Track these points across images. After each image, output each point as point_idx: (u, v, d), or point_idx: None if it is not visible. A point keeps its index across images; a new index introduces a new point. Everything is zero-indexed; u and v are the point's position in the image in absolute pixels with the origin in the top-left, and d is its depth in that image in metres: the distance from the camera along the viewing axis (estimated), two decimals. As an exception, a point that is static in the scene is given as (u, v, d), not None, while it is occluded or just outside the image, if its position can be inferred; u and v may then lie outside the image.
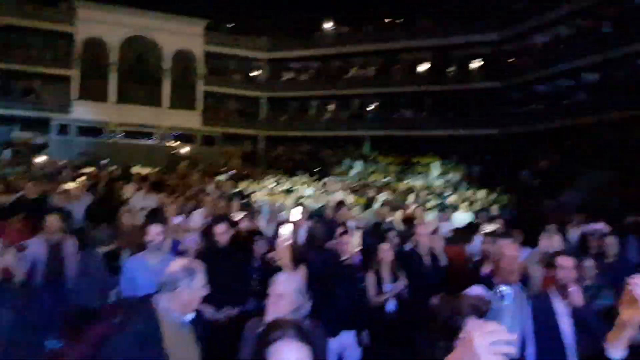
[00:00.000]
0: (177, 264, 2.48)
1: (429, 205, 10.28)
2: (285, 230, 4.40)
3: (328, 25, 27.59)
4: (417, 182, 14.51)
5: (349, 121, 26.29)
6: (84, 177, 10.20)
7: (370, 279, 4.44)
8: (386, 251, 4.50)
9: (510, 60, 21.84)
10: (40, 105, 24.73)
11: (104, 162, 17.66)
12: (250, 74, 29.17)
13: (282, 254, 4.32)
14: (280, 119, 28.45)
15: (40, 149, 22.03)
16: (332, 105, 27.97)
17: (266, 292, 2.59)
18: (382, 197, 10.49)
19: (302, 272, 4.19)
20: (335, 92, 26.59)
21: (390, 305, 4.38)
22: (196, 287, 2.42)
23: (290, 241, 4.37)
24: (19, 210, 6.33)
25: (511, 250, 3.19)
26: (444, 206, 9.86)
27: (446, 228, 7.76)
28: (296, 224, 5.73)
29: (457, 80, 23.47)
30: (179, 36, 26.12)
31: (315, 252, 4.96)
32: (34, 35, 25.13)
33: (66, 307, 4.87)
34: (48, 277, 5.00)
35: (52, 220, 5.27)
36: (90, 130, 24.28)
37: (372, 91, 25.61)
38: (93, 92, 25.13)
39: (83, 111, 24.49)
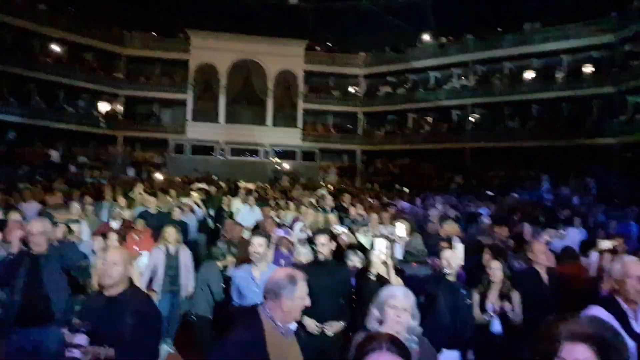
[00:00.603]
0: (279, 272, 2.54)
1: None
2: (381, 244, 4.37)
3: (426, 37, 27.19)
4: (523, 196, 13.69)
5: (449, 133, 25.55)
6: (196, 193, 10.98)
7: (475, 296, 4.30)
8: (496, 269, 4.33)
9: (631, 62, 19.80)
10: (160, 127, 27.33)
11: (214, 178, 18.92)
12: (348, 90, 29.65)
13: (377, 268, 4.33)
14: (377, 133, 28.49)
15: (159, 167, 24.20)
16: (431, 117, 27.42)
17: (362, 306, 2.61)
18: (485, 211, 10.03)
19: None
20: (434, 104, 26.05)
21: (496, 326, 4.18)
22: (298, 296, 2.44)
23: (386, 255, 4.34)
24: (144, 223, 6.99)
25: (638, 270, 2.91)
26: (554, 221, 9.21)
27: (559, 244, 7.26)
28: (394, 238, 5.68)
29: (567, 86, 21.79)
30: (281, 58, 27.38)
31: (415, 266, 4.91)
32: (155, 64, 27.94)
33: (180, 313, 5.27)
34: (165, 284, 5.48)
35: (170, 232, 5.78)
36: (202, 148, 26.25)
37: (473, 101, 24.71)
38: (205, 113, 27.23)
39: (196, 131, 26.57)
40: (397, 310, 2.52)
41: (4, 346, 3.66)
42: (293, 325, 2.50)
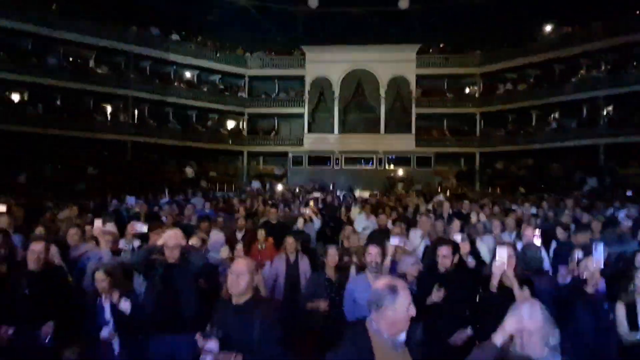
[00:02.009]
0: (380, 282, 2.48)
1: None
2: (503, 253, 4.12)
3: (547, 28, 25.18)
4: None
5: (578, 130, 23.29)
6: (313, 202, 11.34)
7: (620, 311, 3.88)
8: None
9: None
10: (279, 140, 28.79)
11: (330, 187, 19.40)
12: (464, 91, 28.54)
13: (502, 280, 4.09)
14: (497, 134, 26.95)
15: (280, 178, 25.47)
16: (557, 113, 25.24)
17: (484, 318, 2.46)
18: (623, 214, 8.98)
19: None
20: (559, 99, 23.94)
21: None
22: (400, 306, 2.37)
23: (507, 265, 4.09)
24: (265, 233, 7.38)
25: None
26: None
27: None
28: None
29: None
30: (393, 64, 27.29)
31: (544, 277, 4.57)
32: (274, 81, 29.56)
33: (299, 322, 5.42)
34: (286, 293, 5.72)
35: (290, 241, 6.05)
36: (319, 159, 27.09)
37: (605, 93, 22.21)
38: (320, 124, 28.17)
39: (312, 143, 27.52)
40: (529, 333, 2.31)
41: (141, 352, 4.02)
42: (402, 336, 2.42)
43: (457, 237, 5.67)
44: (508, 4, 23.08)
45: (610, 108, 22.91)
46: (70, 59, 23.82)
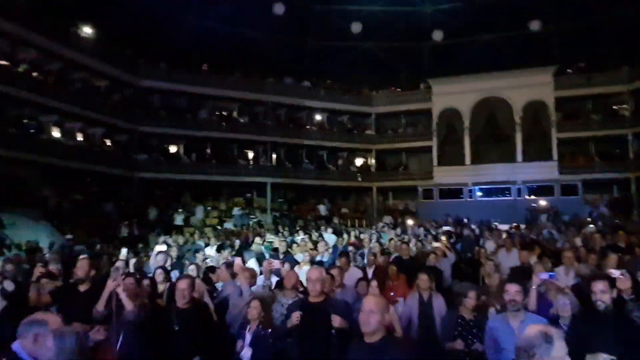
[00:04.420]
0: (533, 329, 2.36)
1: None
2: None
3: None
4: None
5: None
6: (445, 236, 10.99)
7: None
8: None
9: None
10: (408, 175, 28.63)
11: (465, 220, 18.61)
12: (612, 111, 25.71)
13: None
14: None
15: (410, 213, 25.15)
16: None
17: None
18: None
19: None
20: None
21: None
22: (554, 356, 2.22)
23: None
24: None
25: None
26: None
27: None
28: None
29: None
30: (527, 89, 25.77)
31: None
32: (400, 117, 29.76)
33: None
34: (420, 332, 5.56)
35: (423, 278, 5.91)
36: (450, 191, 26.24)
37: None
38: (450, 157, 27.45)
39: (443, 176, 26.84)
40: None
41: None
42: None
43: (615, 272, 5.09)
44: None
45: None
46: (218, 112, 26.71)
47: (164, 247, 8.74)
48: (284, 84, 27.73)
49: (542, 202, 23.07)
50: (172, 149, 25.44)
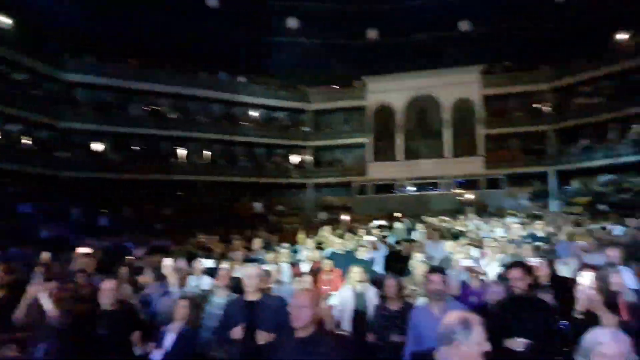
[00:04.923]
0: (452, 316, 2.39)
1: None
2: (587, 277, 3.80)
3: (621, 36, 23.76)
4: None
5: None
6: (378, 230, 11.19)
7: None
8: None
9: None
10: (343, 171, 28.97)
11: (397, 215, 19.09)
12: (534, 108, 27.42)
13: (588, 305, 3.78)
14: (571, 151, 25.45)
15: (345, 208, 25.48)
16: (637, 125, 23.41)
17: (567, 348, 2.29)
18: None
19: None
20: (639, 110, 22.30)
21: None
22: (474, 341, 2.26)
23: (595, 290, 3.77)
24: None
25: None
26: None
27: None
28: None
29: None
30: (456, 87, 26.92)
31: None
32: (336, 114, 30.02)
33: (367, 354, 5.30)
34: (354, 324, 5.61)
35: (356, 271, 5.97)
36: (384, 187, 26.87)
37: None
38: (384, 153, 28.09)
39: (377, 171, 27.43)
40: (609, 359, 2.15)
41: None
42: None
43: (532, 260, 5.37)
44: (575, 14, 22.20)
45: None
46: (147, 108, 25.64)
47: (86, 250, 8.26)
48: (218, 78, 27.12)
49: (469, 196, 24.21)
50: (98, 146, 24.09)
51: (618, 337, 2.24)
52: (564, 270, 6.07)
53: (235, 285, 4.94)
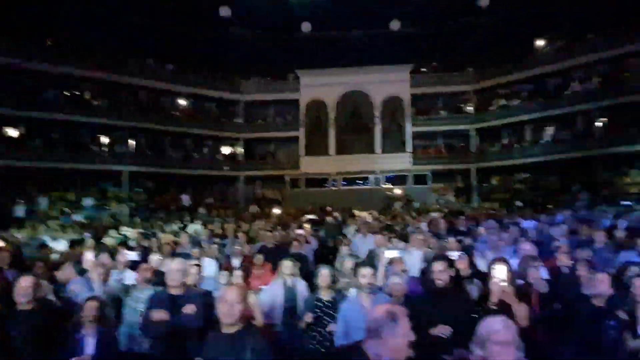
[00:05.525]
0: (380, 309, 2.45)
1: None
2: (500, 271, 4.06)
3: (539, 43, 25.51)
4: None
5: (574, 142, 23.36)
6: (309, 224, 11.29)
7: (624, 320, 3.84)
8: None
9: None
10: (276, 164, 28.86)
11: (328, 208, 19.33)
12: (459, 108, 28.80)
13: (501, 296, 4.04)
14: (492, 149, 27.09)
15: (277, 202, 25.43)
16: (551, 126, 25.36)
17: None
18: (622, 224, 8.94)
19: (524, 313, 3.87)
20: (553, 112, 24.14)
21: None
22: (401, 333, 2.34)
23: (507, 282, 4.04)
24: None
25: None
26: None
27: None
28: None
29: None
30: (387, 84, 27.62)
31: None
32: (269, 106, 29.77)
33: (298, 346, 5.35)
34: (284, 318, 5.64)
35: (286, 265, 5.98)
36: (316, 181, 27.10)
37: (598, 105, 22.35)
38: (316, 147, 28.27)
39: (309, 165, 27.58)
40: (503, 346, 2.30)
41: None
42: None
43: (454, 254, 5.64)
44: (498, 21, 23.50)
45: (604, 119, 23.01)
46: (68, 93, 24.01)
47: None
48: (146, 65, 25.96)
49: (397, 191, 25.03)
50: (12, 132, 22.30)
51: (508, 324, 2.38)
52: (481, 263, 6.44)
53: (160, 280, 4.82)
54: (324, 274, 4.93)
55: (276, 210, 19.47)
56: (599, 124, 22.68)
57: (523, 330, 3.41)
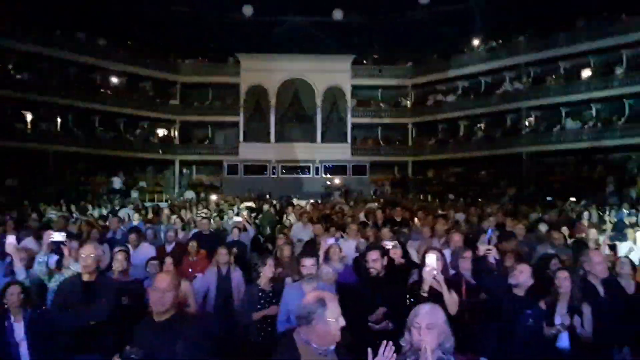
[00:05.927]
0: (310, 296, 2.49)
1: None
2: (432, 259, 4.20)
3: (475, 42, 26.55)
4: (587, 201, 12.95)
5: (503, 139, 24.66)
6: (246, 212, 11.15)
7: (542, 309, 4.07)
8: (564, 279, 4.06)
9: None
10: (214, 149, 28.20)
11: (267, 196, 19.21)
12: (397, 102, 29.46)
13: (432, 284, 4.17)
14: (428, 143, 28.03)
15: (214, 188, 24.92)
16: (483, 123, 26.61)
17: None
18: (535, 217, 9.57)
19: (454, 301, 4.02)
20: (486, 110, 25.33)
21: (563, 341, 3.93)
22: (330, 318, 2.38)
23: (438, 271, 4.18)
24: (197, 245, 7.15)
25: None
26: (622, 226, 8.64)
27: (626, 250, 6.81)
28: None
29: (629, 82, 20.47)
30: (329, 74, 27.64)
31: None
32: (207, 89, 28.91)
33: (234, 335, 5.29)
34: (217, 305, 5.54)
35: (221, 253, 5.87)
36: (255, 168, 26.76)
37: (527, 104, 23.76)
38: (256, 133, 27.89)
39: (248, 152, 27.16)
40: (421, 330, 2.40)
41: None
42: (332, 346, 2.44)
43: (388, 244, 5.76)
44: (438, 18, 24.16)
45: (532, 118, 24.46)
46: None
47: None
48: (77, 39, 24.37)
49: (336, 181, 25.29)
50: None
51: (433, 310, 2.49)
52: (415, 253, 6.64)
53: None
54: (269, 264, 4.87)
55: (213, 197, 19.07)
56: (527, 122, 24.08)
57: (453, 318, 3.54)
